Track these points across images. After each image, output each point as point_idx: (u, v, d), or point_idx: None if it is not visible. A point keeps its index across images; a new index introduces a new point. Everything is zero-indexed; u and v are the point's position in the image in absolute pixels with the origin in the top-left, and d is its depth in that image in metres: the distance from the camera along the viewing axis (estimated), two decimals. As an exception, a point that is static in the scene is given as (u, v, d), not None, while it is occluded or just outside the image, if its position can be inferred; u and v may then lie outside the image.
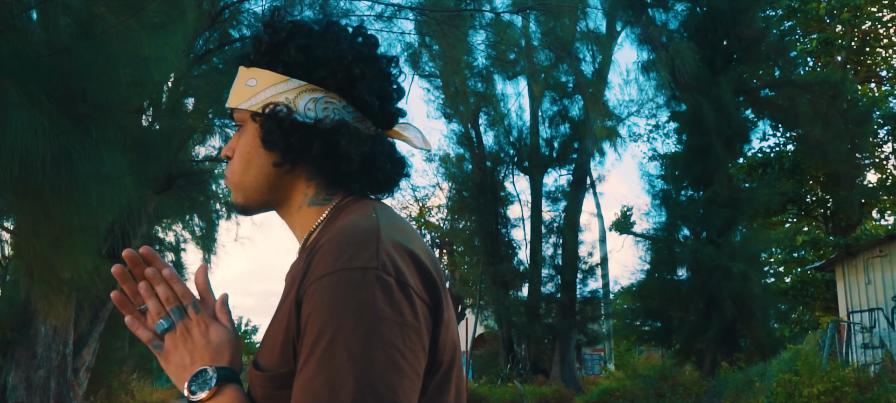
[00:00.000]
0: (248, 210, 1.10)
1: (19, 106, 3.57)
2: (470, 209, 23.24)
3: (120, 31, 4.11)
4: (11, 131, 3.61)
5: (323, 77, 1.04)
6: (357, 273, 0.87)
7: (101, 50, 4.27)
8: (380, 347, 0.84)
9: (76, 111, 4.18)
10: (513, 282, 22.70)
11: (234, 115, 1.09)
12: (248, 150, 1.06)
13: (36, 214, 5.52)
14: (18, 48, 3.69)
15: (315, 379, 0.84)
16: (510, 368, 21.74)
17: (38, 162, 3.67)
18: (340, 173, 1.06)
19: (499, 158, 22.64)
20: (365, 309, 0.85)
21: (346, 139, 1.04)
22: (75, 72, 4.20)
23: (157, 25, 4.29)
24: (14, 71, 3.62)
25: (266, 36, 1.05)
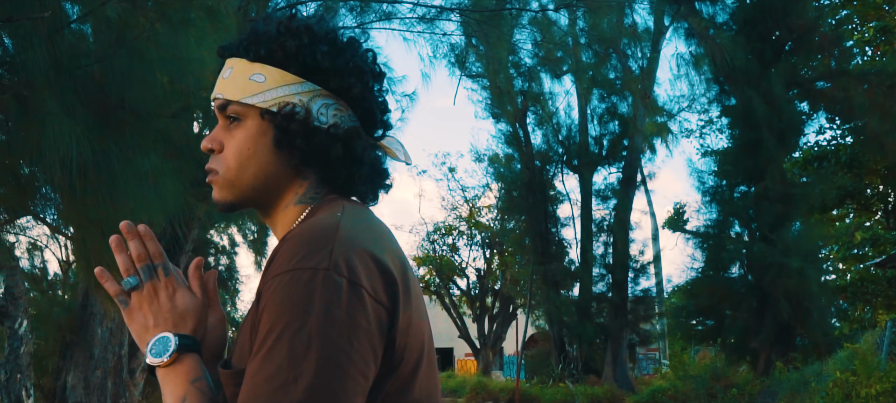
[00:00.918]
0: (233, 207, 1.09)
1: (56, 116, 3.71)
2: (519, 209, 23.16)
3: (153, 36, 4.24)
4: (48, 140, 3.75)
5: (340, 85, 1.07)
6: (307, 273, 0.88)
7: (137, 56, 4.40)
8: (323, 348, 0.85)
9: (114, 118, 4.32)
10: (563, 282, 22.54)
11: (228, 108, 1.07)
12: (250, 146, 1.06)
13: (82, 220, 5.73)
14: (56, 60, 3.84)
15: (258, 375, 0.86)
16: (562, 368, 21.60)
17: (76, 169, 3.81)
18: (344, 177, 1.09)
19: (548, 157, 22.51)
20: (311, 310, 0.86)
21: (360, 145, 1.08)
22: (113, 80, 4.34)
23: (185, 23, 4.39)
24: (51, 82, 3.75)
25: (286, 36, 1.06)
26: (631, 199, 21.03)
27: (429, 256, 30.66)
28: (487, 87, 19.38)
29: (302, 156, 1.05)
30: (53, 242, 12.49)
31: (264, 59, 1.06)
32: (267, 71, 1.05)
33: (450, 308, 30.07)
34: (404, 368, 0.97)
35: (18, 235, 9.45)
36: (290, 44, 1.05)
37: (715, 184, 18.25)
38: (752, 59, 16.25)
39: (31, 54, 3.96)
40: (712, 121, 20.78)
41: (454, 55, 14.72)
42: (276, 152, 1.06)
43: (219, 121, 1.09)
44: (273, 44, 1.06)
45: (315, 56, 1.05)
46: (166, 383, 1.02)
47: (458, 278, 31.45)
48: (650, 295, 22.57)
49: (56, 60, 4.04)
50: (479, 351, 29.42)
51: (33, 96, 3.89)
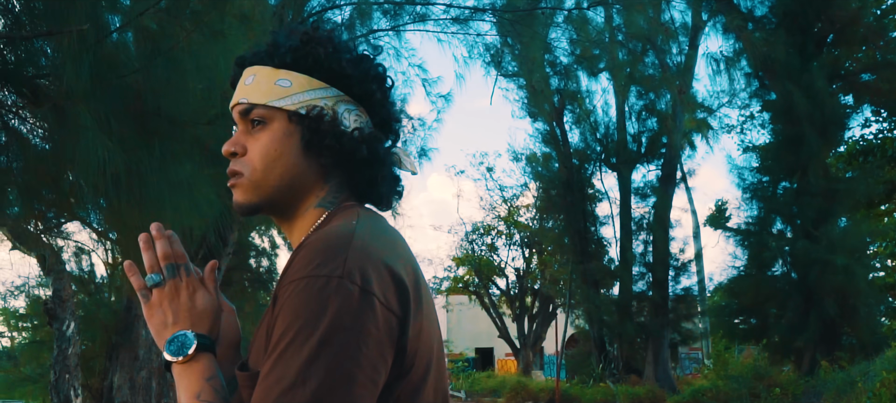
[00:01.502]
0: (256, 209, 1.12)
1: (90, 127, 3.83)
2: (558, 208, 23.06)
3: (188, 45, 4.34)
4: (83, 152, 3.88)
5: (362, 91, 1.12)
6: (321, 280, 0.91)
7: (173, 65, 4.51)
8: (333, 354, 0.88)
9: (150, 127, 4.44)
10: (603, 281, 22.39)
11: (252, 112, 1.10)
12: (277, 147, 1.09)
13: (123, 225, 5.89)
14: (94, 71, 3.96)
15: (269, 376, 0.90)
16: (602, 368, 21.45)
17: (110, 179, 3.93)
18: (368, 179, 1.13)
19: (585, 155, 22.37)
20: (323, 316, 0.89)
21: (382, 148, 1.13)
22: (150, 89, 4.46)
23: (217, 33, 4.49)
24: (87, 94, 3.88)
25: (312, 44, 1.11)
26: (670, 197, 20.78)
27: (468, 256, 30.67)
28: (524, 87, 19.34)
29: (332, 156, 1.09)
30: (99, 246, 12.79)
31: (290, 65, 1.10)
32: (292, 76, 1.09)
33: (489, 307, 30.05)
34: (415, 373, 1.00)
35: (65, 240, 9.70)
36: (318, 50, 1.10)
37: (755, 181, 17.94)
38: (792, 52, 15.93)
39: (70, 66, 4.10)
40: (753, 116, 20.42)
41: (489, 55, 14.75)
42: (303, 154, 1.10)
43: (239, 126, 1.13)
44: (300, 51, 1.10)
45: (340, 63, 1.11)
46: (182, 379, 1.06)
47: (497, 278, 31.44)
48: (692, 293, 22.27)
49: (94, 71, 4.17)
50: (519, 351, 29.35)
51: (70, 107, 4.02)
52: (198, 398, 1.02)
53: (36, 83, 4.51)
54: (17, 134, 5.10)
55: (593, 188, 23.06)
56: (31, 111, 4.90)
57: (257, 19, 7.75)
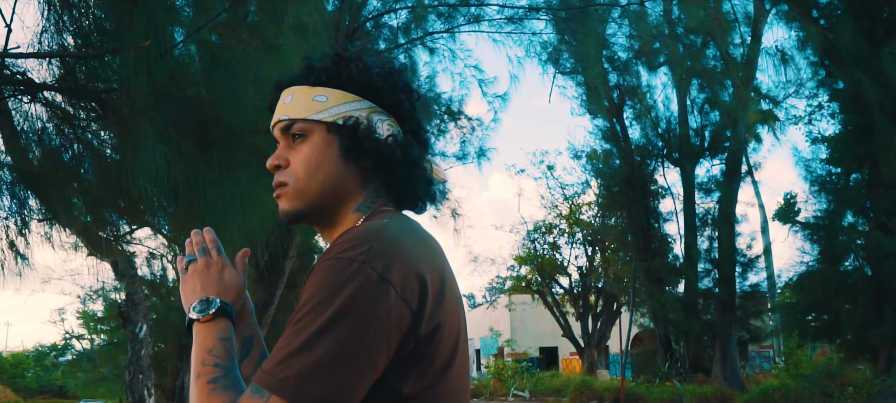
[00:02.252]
0: (301, 216, 1.21)
1: (152, 139, 4.02)
2: (620, 205, 22.83)
3: (244, 57, 4.51)
4: (144, 163, 4.07)
5: (393, 102, 1.21)
6: (345, 261, 1.00)
7: (231, 77, 4.68)
8: (342, 330, 0.97)
9: (210, 137, 4.62)
10: (668, 278, 22.04)
11: (293, 127, 1.20)
12: (318, 156, 1.18)
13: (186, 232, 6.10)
14: (156, 85, 4.15)
15: (283, 340, 0.99)
16: (668, 367, 21.11)
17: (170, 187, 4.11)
18: (404, 181, 1.22)
19: (647, 151, 22.07)
20: (340, 294, 0.98)
21: (416, 151, 1.22)
22: (209, 101, 4.64)
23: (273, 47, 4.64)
24: (149, 107, 4.07)
25: (344, 62, 1.20)
26: (735, 191, 20.32)
27: (530, 255, 30.57)
28: (582, 84, 19.19)
29: (371, 159, 1.19)
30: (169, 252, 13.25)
31: (325, 82, 1.20)
32: (328, 92, 1.19)
33: (552, 306, 29.90)
34: (433, 366, 1.07)
35: (137, 246, 10.08)
36: (350, 67, 1.19)
37: (824, 173, 17.37)
38: (860, 39, 15.37)
39: (135, 80, 4.31)
40: (821, 106, 19.77)
41: (546, 53, 14.72)
42: (342, 161, 1.19)
43: (281, 142, 1.23)
44: (333, 69, 1.20)
45: (371, 76, 1.20)
46: (199, 336, 1.17)
47: (560, 276, 31.25)
48: (760, 290, 21.73)
49: (158, 85, 4.37)
50: (583, 350, 29.12)
51: (133, 120, 4.22)
52: (210, 352, 1.12)
53: (104, 98, 4.75)
54: (90, 145, 5.37)
55: (656, 184, 22.73)
56: (100, 124, 5.17)
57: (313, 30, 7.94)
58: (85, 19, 4.59)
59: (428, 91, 13.75)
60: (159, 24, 4.15)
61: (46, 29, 4.21)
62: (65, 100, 5.00)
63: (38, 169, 5.32)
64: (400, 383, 1.04)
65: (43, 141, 4.95)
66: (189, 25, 5.15)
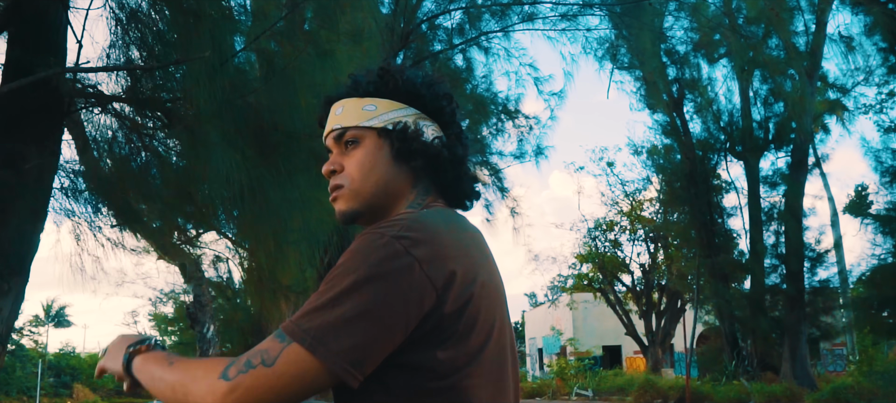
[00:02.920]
0: (357, 216, 1.30)
1: (219, 145, 4.19)
2: (682, 200, 22.44)
3: (299, 64, 4.65)
4: (214, 167, 4.25)
5: (435, 107, 1.32)
6: (376, 235, 1.09)
7: (287, 83, 4.84)
8: (364, 294, 1.05)
9: (268, 142, 4.78)
10: (733, 274, 21.56)
11: (345, 135, 1.31)
12: (370, 160, 1.27)
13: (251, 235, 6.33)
14: (216, 94, 4.32)
15: (313, 297, 1.08)
16: (735, 365, 20.66)
17: (237, 191, 4.28)
18: (452, 178, 1.32)
19: (709, 145, 21.63)
20: (367, 262, 1.07)
21: (460, 150, 1.32)
22: (267, 107, 4.80)
23: (326, 53, 4.77)
24: (212, 114, 4.24)
25: (390, 73, 1.31)
26: (802, 184, 19.75)
27: (591, 253, 30.30)
28: (640, 78, 18.96)
29: (421, 159, 1.28)
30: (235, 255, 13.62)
31: (372, 93, 1.31)
32: (376, 101, 1.30)
33: (615, 305, 29.57)
34: (465, 346, 1.13)
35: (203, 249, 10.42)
36: (395, 78, 1.31)
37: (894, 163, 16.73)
38: (932, 23, 14.78)
39: (199, 90, 4.49)
40: (893, 93, 19.03)
41: (603, 49, 14.61)
42: (393, 163, 1.28)
43: (334, 150, 1.33)
44: (379, 81, 1.31)
45: (415, 85, 1.31)
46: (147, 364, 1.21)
47: (622, 274, 30.88)
48: (830, 285, 21.06)
49: (219, 93, 4.55)
50: (647, 349, 28.72)
51: (199, 127, 4.41)
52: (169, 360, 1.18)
53: (169, 107, 4.96)
54: (157, 153, 5.61)
55: (719, 178, 22.27)
56: (167, 132, 5.39)
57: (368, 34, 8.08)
58: (150, 33, 4.80)
59: (484, 91, 13.82)
60: (219, 34, 4.32)
61: (114, 43, 4.42)
62: (133, 111, 5.24)
63: (110, 176, 5.58)
64: (423, 358, 1.10)
65: (113, 150, 5.19)
66: (248, 34, 5.34)
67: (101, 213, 6.26)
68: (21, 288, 4.37)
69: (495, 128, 14.49)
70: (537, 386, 27.81)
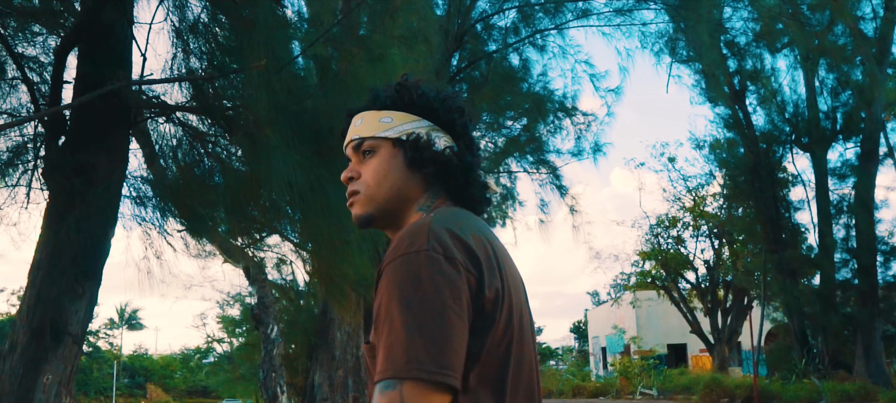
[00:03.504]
0: (372, 219, 1.40)
1: (278, 148, 4.32)
2: (746, 194, 21.93)
3: (351, 69, 4.76)
4: (276, 170, 4.39)
5: (447, 120, 1.41)
6: (412, 255, 1.16)
7: (341, 87, 4.95)
8: (433, 305, 1.12)
9: (325, 146, 4.90)
10: (801, 270, 20.97)
11: (363, 144, 1.40)
12: (385, 167, 1.36)
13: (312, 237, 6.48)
14: (273, 100, 4.46)
15: (390, 336, 1.13)
16: (805, 363, 20.09)
17: (297, 194, 4.41)
18: (461, 184, 1.39)
19: (773, 137, 21.07)
20: (421, 280, 1.14)
21: (468, 159, 1.40)
22: (323, 112, 4.93)
23: (378, 58, 4.86)
24: (270, 120, 4.38)
25: (406, 89, 1.41)
26: (873, 175, 19.08)
27: (654, 250, 29.84)
28: (700, 71, 18.59)
29: (432, 166, 1.37)
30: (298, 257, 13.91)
31: (389, 106, 1.40)
32: (392, 114, 1.39)
33: (679, 302, 29.05)
34: (498, 327, 1.21)
35: (266, 252, 10.69)
36: (411, 92, 1.40)
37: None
38: None
39: (258, 96, 4.64)
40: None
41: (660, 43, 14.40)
42: (407, 170, 1.37)
43: (353, 159, 1.43)
44: (396, 96, 1.40)
45: (429, 99, 1.40)
46: None
47: (686, 271, 30.31)
48: (906, 279, 20.26)
49: (277, 99, 4.69)
50: (713, 347, 28.13)
51: (259, 133, 4.55)
52: None
53: (229, 115, 5.13)
54: (219, 159, 5.80)
55: (784, 171, 21.68)
56: (228, 139, 5.57)
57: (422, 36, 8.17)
58: (210, 43, 4.98)
59: (541, 89, 13.77)
60: (274, 42, 4.46)
61: (175, 55, 4.60)
62: (195, 119, 5.44)
63: (175, 183, 5.80)
64: (476, 340, 1.18)
65: (177, 157, 5.40)
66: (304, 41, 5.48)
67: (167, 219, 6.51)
68: (94, 291, 4.58)
69: (553, 126, 14.42)
70: (601, 386, 27.56)
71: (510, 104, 13.25)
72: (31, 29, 4.83)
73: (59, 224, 4.48)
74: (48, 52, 4.90)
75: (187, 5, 4.76)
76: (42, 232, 4.54)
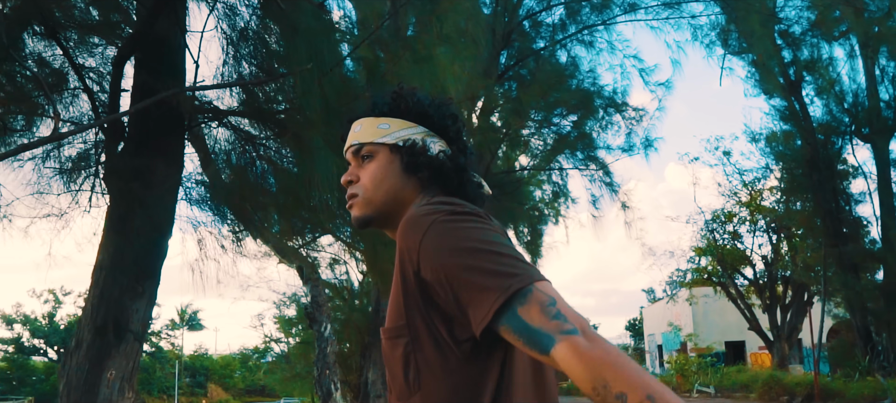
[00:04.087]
0: (369, 221, 1.47)
1: (323, 149, 4.45)
2: (804, 188, 21.37)
3: (396, 70, 4.85)
4: (322, 168, 4.51)
5: (441, 126, 1.47)
6: (436, 224, 1.21)
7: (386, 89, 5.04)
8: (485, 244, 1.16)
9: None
10: (864, 264, 20.33)
11: (362, 149, 1.46)
12: (383, 172, 1.42)
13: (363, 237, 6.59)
14: (321, 103, 4.58)
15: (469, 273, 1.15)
16: (869, 360, 19.51)
17: (340, 193, 4.53)
18: (452, 183, 1.45)
19: (832, 128, 20.48)
20: (460, 234, 1.18)
21: (462, 162, 1.47)
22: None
23: (423, 59, 4.95)
24: (317, 122, 4.50)
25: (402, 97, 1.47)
26: (939, 166, 18.43)
27: (710, 246, 29.30)
28: (753, 63, 18.21)
29: (427, 171, 1.43)
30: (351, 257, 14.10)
31: (386, 113, 1.46)
32: (389, 120, 1.45)
33: (736, 299, 28.49)
34: None
35: (319, 252, 10.89)
36: (407, 100, 1.46)
37: None
38: None
39: (306, 99, 4.77)
40: None
41: (712, 35, 14.20)
42: (403, 174, 1.44)
43: (352, 163, 1.49)
44: (393, 103, 1.47)
45: (423, 107, 1.46)
46: None
47: (743, 267, 29.69)
48: (976, 273, 19.49)
49: (325, 102, 4.81)
50: (772, 344, 27.51)
51: (306, 134, 4.68)
52: None
53: (279, 118, 5.28)
54: (271, 161, 5.97)
55: (844, 163, 21.07)
56: (279, 141, 5.73)
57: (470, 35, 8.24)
58: (261, 49, 5.14)
59: (590, 85, 13.70)
60: (320, 46, 4.57)
61: (226, 61, 4.76)
62: (247, 123, 5.61)
63: (230, 185, 5.98)
64: None
65: (230, 160, 5.56)
66: (351, 44, 5.60)
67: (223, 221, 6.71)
68: (153, 290, 4.78)
69: (602, 122, 14.34)
70: (656, 384, 27.14)
71: (559, 101, 13.23)
72: (90, 41, 5.05)
73: (120, 226, 4.68)
74: (106, 63, 5.12)
75: (237, 13, 4.92)
76: (104, 234, 4.75)
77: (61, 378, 4.52)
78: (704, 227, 29.41)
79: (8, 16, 4.64)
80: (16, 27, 4.62)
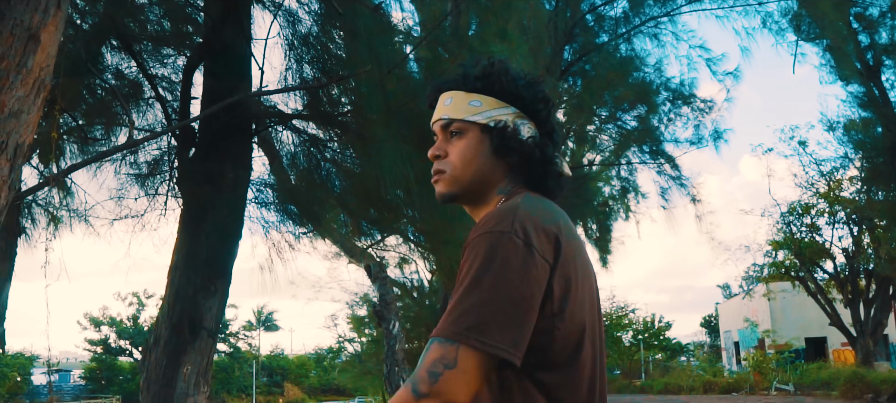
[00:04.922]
0: (454, 198, 1.49)
1: (387, 142, 4.55)
2: (886, 177, 20.48)
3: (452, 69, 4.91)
4: (386, 164, 4.61)
5: (533, 109, 1.47)
6: (495, 235, 1.25)
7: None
8: (502, 284, 1.22)
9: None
10: (954, 255, 19.39)
11: (451, 125, 1.46)
12: (471, 152, 1.44)
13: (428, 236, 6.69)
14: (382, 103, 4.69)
15: (456, 297, 1.24)
16: (962, 355, 18.59)
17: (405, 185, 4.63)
18: (540, 174, 1.47)
19: (915, 114, 19.58)
20: (496, 259, 1.23)
21: (550, 150, 1.48)
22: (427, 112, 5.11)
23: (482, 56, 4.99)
24: (381, 122, 4.61)
25: (496, 73, 1.47)
26: None
27: (787, 239, 28.38)
28: (827, 48, 17.57)
29: (515, 157, 1.44)
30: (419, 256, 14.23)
31: (480, 89, 1.47)
32: (482, 98, 1.46)
33: (816, 294, 27.51)
34: (569, 308, 1.29)
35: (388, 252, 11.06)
36: (500, 78, 1.46)
37: None
38: None
39: (369, 100, 4.89)
40: None
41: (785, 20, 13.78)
42: (492, 156, 1.45)
43: (440, 136, 1.51)
44: (486, 80, 1.47)
45: (517, 87, 1.46)
46: None
47: (823, 260, 28.64)
48: None
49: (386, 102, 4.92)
50: (856, 340, 26.47)
51: (369, 132, 4.80)
52: None
53: (342, 119, 5.41)
54: (337, 162, 6.12)
55: (929, 150, 20.09)
56: (343, 142, 5.87)
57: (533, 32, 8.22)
58: (322, 53, 5.28)
59: (655, 77, 13.50)
60: (379, 47, 4.68)
61: (289, 66, 4.92)
62: (313, 126, 5.76)
63: (297, 187, 6.16)
64: (547, 323, 1.27)
65: (296, 162, 5.73)
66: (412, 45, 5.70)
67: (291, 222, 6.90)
68: (225, 289, 4.97)
69: (669, 115, 14.10)
70: (733, 381, 26.52)
71: (624, 95, 13.06)
72: (162, 51, 5.29)
73: (192, 228, 4.89)
74: (177, 72, 5.36)
75: (299, 20, 5.07)
76: (178, 236, 4.97)
77: (141, 372, 4.76)
78: (780, 220, 28.52)
79: (87, 32, 4.91)
80: (94, 43, 4.88)
